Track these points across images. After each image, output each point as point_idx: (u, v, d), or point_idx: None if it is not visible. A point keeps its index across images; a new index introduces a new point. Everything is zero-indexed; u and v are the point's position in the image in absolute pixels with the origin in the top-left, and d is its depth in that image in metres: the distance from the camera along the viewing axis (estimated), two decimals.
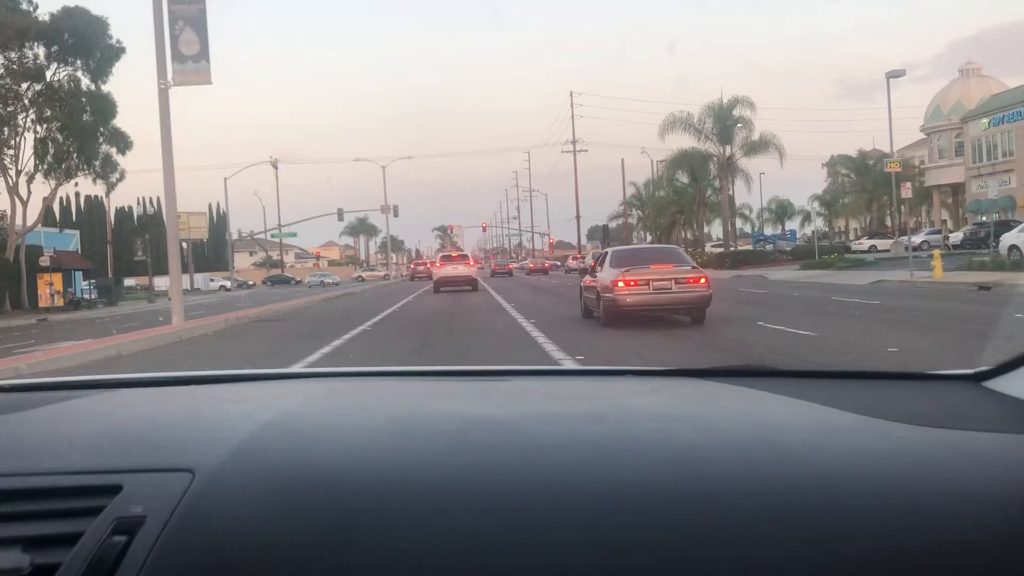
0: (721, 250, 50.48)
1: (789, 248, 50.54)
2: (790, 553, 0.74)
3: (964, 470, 0.87)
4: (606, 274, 13.60)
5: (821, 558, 0.73)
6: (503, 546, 0.74)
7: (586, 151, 79.37)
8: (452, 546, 0.75)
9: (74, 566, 0.74)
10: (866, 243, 53.08)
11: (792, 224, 78.91)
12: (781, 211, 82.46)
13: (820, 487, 0.82)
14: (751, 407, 1.19)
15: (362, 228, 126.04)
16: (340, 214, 69.10)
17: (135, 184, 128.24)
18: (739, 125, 46.80)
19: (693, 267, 13.61)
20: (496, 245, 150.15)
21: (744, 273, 36.16)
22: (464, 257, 35.74)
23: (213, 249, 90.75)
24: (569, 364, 8.69)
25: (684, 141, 48.69)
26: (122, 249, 64.09)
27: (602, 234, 65.83)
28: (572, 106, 77.36)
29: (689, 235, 60.94)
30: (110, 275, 55.50)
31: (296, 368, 7.85)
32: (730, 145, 47.29)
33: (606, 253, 15.36)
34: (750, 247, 56.57)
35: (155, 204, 77.34)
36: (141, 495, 0.80)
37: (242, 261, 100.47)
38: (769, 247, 53.79)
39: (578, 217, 76.73)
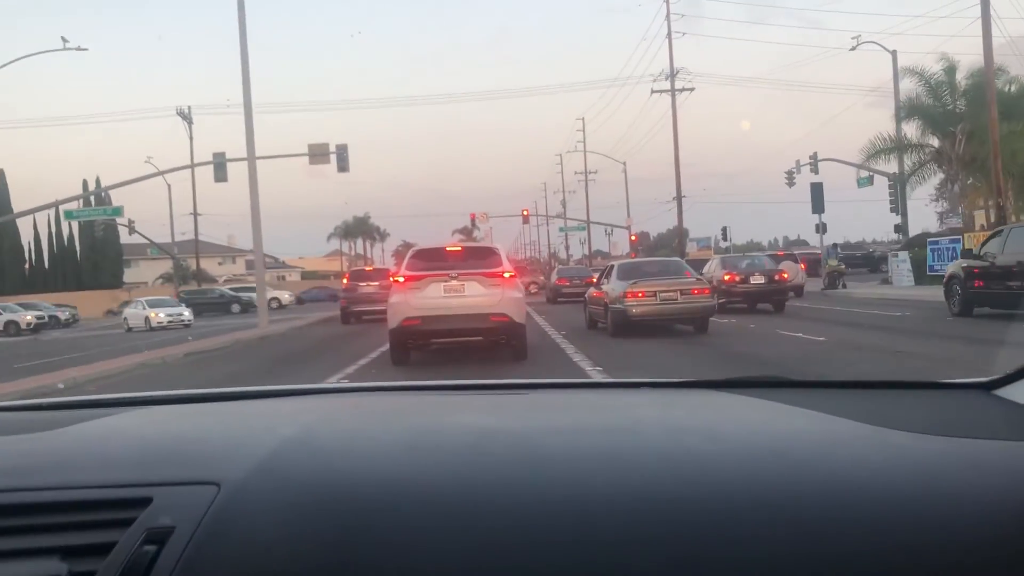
0: None
1: None
2: (795, 561, 0.76)
3: (973, 479, 0.88)
4: (614, 286, 14.18)
5: (827, 566, 0.76)
6: (518, 556, 0.78)
7: (692, 90, 41.59)
8: (469, 557, 0.78)
9: (108, 573, 0.78)
10: None
11: None
12: None
13: (825, 495, 0.84)
14: (760, 418, 1.22)
15: (360, 229, 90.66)
16: (220, 167, 33.58)
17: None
18: None
19: (697, 279, 14.44)
20: (530, 255, 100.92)
21: None
22: (484, 256, 10.88)
23: (89, 255, 57.07)
24: (585, 378, 8.18)
25: None
26: None
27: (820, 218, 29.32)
28: (668, 17, 41.98)
29: None
30: None
31: (318, 384, 5.99)
32: None
33: (612, 266, 16.07)
34: None
35: None
36: (170, 507, 0.84)
37: (144, 273, 66.67)
38: None
39: (679, 197, 41.04)
